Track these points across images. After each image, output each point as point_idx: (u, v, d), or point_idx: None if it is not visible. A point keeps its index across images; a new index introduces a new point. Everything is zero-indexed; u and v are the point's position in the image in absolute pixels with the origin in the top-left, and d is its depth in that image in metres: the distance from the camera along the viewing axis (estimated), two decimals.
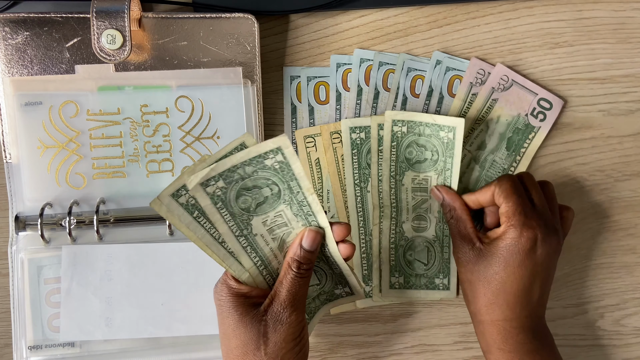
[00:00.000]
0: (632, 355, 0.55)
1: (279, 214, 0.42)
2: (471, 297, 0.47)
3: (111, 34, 0.47)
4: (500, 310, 0.46)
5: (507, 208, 0.45)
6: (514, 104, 0.52)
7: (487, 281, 0.46)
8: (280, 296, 0.41)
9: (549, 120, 0.52)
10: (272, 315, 0.41)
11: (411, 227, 0.52)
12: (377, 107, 0.52)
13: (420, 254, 0.53)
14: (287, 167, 0.40)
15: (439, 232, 0.52)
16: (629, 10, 0.52)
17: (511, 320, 0.46)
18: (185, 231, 0.39)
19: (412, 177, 0.51)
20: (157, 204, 0.37)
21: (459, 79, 0.52)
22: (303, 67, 0.52)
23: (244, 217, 0.41)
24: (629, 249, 0.54)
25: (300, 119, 0.53)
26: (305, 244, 0.42)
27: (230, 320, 0.41)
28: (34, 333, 0.48)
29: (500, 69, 0.52)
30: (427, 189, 0.51)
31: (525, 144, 0.52)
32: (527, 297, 0.46)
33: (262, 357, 0.41)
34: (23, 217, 0.49)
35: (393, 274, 0.53)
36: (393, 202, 0.52)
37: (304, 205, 0.42)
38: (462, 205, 0.49)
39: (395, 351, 0.55)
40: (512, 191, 0.46)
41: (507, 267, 0.45)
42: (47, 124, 0.49)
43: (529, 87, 0.52)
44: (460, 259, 0.47)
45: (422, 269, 0.53)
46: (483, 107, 0.52)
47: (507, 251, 0.45)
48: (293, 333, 0.41)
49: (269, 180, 0.40)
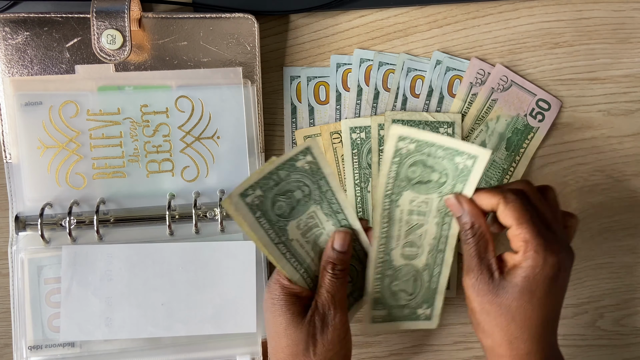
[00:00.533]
0: (632, 355, 0.55)
1: (310, 215, 0.43)
2: (489, 329, 0.42)
3: (111, 34, 0.47)
4: (525, 345, 0.42)
5: (522, 231, 0.40)
6: (513, 105, 0.52)
7: (510, 316, 0.41)
8: (321, 298, 0.42)
9: (547, 121, 0.52)
10: (319, 317, 0.42)
11: (400, 255, 0.46)
12: (377, 107, 0.52)
13: (406, 283, 0.47)
14: (316, 166, 0.41)
15: (430, 260, 0.46)
16: (628, 10, 0.52)
17: (535, 352, 0.42)
18: (247, 231, 0.40)
19: (411, 198, 0.43)
20: (226, 203, 0.39)
21: (459, 79, 0.52)
22: (303, 67, 0.52)
23: (281, 224, 0.42)
24: (629, 249, 0.54)
25: (300, 119, 0.53)
26: (337, 246, 0.43)
27: (282, 319, 0.42)
28: (34, 333, 0.48)
29: (500, 70, 0.52)
30: (425, 212, 0.44)
31: (524, 144, 0.53)
32: (551, 324, 0.43)
33: (310, 359, 0.41)
34: (23, 217, 0.49)
35: (376, 307, 0.47)
36: (385, 225, 0.45)
37: (332, 203, 0.43)
38: (485, 223, 0.43)
39: (395, 351, 0.55)
40: (523, 211, 0.41)
41: (533, 299, 0.41)
42: (47, 124, 0.49)
43: (528, 87, 0.52)
44: (476, 287, 0.42)
45: (405, 299, 0.47)
46: (483, 108, 0.52)
47: (531, 282, 0.40)
48: (339, 335, 0.42)
49: (300, 182, 0.41)
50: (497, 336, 0.42)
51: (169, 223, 0.49)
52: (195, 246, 0.49)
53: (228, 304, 0.49)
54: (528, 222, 0.41)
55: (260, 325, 0.50)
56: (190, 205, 0.50)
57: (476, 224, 0.42)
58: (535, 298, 0.41)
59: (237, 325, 0.49)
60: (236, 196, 0.39)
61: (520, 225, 0.41)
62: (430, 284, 0.47)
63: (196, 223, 0.49)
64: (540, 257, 0.40)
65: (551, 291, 0.41)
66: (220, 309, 0.49)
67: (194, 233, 0.50)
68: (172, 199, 0.50)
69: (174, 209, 0.50)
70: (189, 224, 0.50)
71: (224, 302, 0.49)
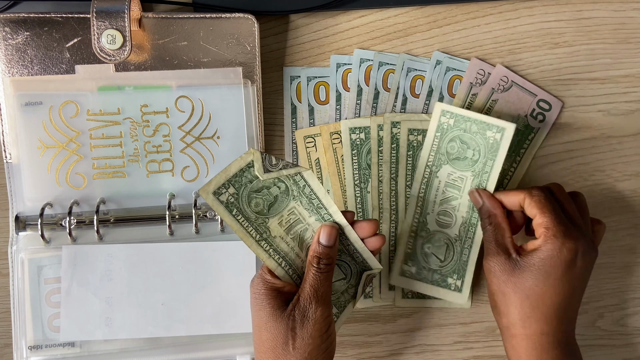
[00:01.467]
0: (632, 355, 0.55)
1: (291, 211, 0.44)
2: (504, 309, 0.45)
3: (111, 34, 0.47)
4: (537, 324, 0.44)
5: (545, 219, 0.44)
6: (513, 105, 0.52)
7: (524, 294, 0.44)
8: (304, 292, 0.42)
9: (548, 122, 0.52)
10: (299, 311, 0.42)
11: (435, 221, 0.51)
12: (377, 107, 0.52)
13: (439, 249, 0.51)
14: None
15: (462, 232, 0.50)
16: (629, 10, 0.52)
17: (548, 334, 0.44)
18: (230, 225, 0.42)
19: (449, 172, 0.50)
20: (203, 194, 0.40)
21: (459, 79, 0.52)
22: (303, 67, 0.52)
23: (260, 221, 0.42)
24: (629, 249, 0.54)
25: (300, 119, 0.53)
26: (323, 240, 0.43)
27: (263, 313, 0.42)
28: (34, 333, 0.48)
29: (500, 70, 0.52)
30: (460, 188, 0.50)
31: (525, 145, 0.52)
32: (566, 311, 0.44)
33: (289, 352, 0.41)
34: (23, 217, 0.49)
35: (407, 263, 0.52)
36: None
37: (312, 198, 0.44)
38: (503, 213, 0.47)
39: (395, 351, 0.55)
40: (546, 202, 0.44)
41: (547, 280, 0.43)
42: (48, 124, 0.49)
43: (529, 88, 0.52)
44: (494, 268, 0.45)
45: (436, 264, 0.51)
46: (483, 108, 0.52)
47: (547, 263, 0.43)
48: (320, 329, 0.42)
49: (275, 179, 0.42)
50: (512, 315, 0.45)
51: (169, 223, 0.49)
52: (195, 246, 0.49)
53: (228, 304, 0.49)
54: (550, 212, 0.44)
55: None
56: (190, 205, 0.50)
57: (493, 212, 0.46)
58: (550, 279, 0.43)
59: (237, 325, 0.49)
60: (210, 194, 0.40)
61: (543, 214, 0.44)
62: (462, 256, 0.51)
63: (196, 223, 0.49)
64: (558, 241, 0.43)
65: (566, 276, 0.43)
66: (220, 308, 0.49)
67: (193, 233, 0.50)
68: (172, 199, 0.50)
69: (174, 209, 0.50)
70: (189, 224, 0.50)
71: (224, 302, 0.49)
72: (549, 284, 0.43)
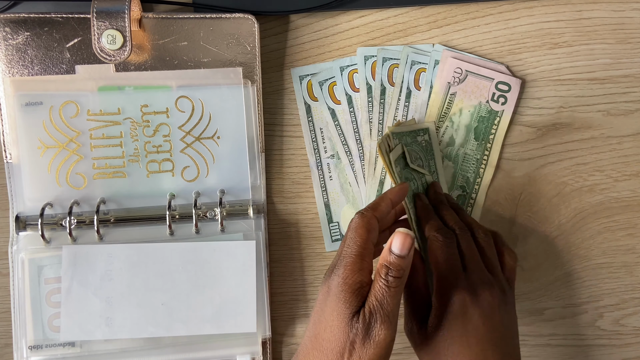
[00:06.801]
0: (632, 355, 0.55)
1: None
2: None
3: (111, 34, 0.47)
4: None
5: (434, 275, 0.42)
6: (472, 94, 0.52)
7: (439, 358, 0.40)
8: (369, 304, 0.37)
9: (510, 102, 0.52)
10: (364, 324, 0.37)
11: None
12: (384, 103, 0.52)
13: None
14: (429, 146, 0.51)
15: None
16: (628, 10, 0.52)
17: None
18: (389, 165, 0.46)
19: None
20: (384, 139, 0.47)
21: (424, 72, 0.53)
22: (308, 66, 0.52)
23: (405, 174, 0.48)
24: (629, 249, 0.54)
25: (318, 119, 0.53)
26: (395, 248, 0.38)
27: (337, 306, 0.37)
28: (34, 333, 0.48)
29: (452, 63, 0.52)
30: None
31: (492, 131, 0.52)
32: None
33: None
34: (23, 217, 0.49)
35: None
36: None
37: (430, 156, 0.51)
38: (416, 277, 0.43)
39: (395, 351, 0.55)
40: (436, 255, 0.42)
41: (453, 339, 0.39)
42: (48, 124, 0.49)
43: (484, 74, 0.52)
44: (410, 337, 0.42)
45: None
46: (443, 104, 0.52)
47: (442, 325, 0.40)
48: (379, 355, 0.37)
49: (417, 155, 0.50)
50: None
51: (169, 223, 0.49)
52: (195, 246, 0.49)
53: (228, 303, 0.49)
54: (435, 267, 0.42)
55: (260, 325, 0.50)
56: (190, 205, 0.50)
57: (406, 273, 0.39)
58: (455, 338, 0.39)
59: (237, 325, 0.49)
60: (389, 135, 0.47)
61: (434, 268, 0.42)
62: None
63: (196, 223, 0.49)
64: (442, 298, 0.40)
65: (467, 330, 0.39)
66: (220, 308, 0.49)
67: (194, 233, 0.50)
68: (172, 199, 0.50)
69: (174, 209, 0.50)
70: (189, 224, 0.50)
71: (224, 302, 0.49)
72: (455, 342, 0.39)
